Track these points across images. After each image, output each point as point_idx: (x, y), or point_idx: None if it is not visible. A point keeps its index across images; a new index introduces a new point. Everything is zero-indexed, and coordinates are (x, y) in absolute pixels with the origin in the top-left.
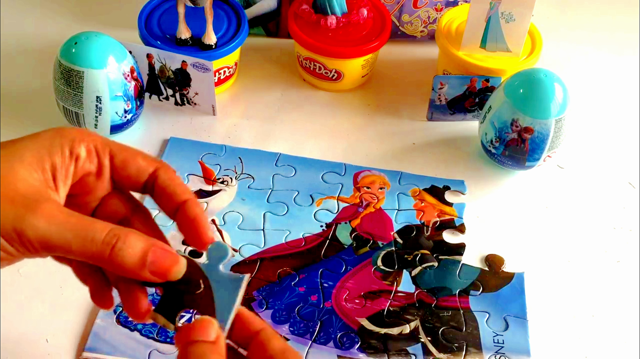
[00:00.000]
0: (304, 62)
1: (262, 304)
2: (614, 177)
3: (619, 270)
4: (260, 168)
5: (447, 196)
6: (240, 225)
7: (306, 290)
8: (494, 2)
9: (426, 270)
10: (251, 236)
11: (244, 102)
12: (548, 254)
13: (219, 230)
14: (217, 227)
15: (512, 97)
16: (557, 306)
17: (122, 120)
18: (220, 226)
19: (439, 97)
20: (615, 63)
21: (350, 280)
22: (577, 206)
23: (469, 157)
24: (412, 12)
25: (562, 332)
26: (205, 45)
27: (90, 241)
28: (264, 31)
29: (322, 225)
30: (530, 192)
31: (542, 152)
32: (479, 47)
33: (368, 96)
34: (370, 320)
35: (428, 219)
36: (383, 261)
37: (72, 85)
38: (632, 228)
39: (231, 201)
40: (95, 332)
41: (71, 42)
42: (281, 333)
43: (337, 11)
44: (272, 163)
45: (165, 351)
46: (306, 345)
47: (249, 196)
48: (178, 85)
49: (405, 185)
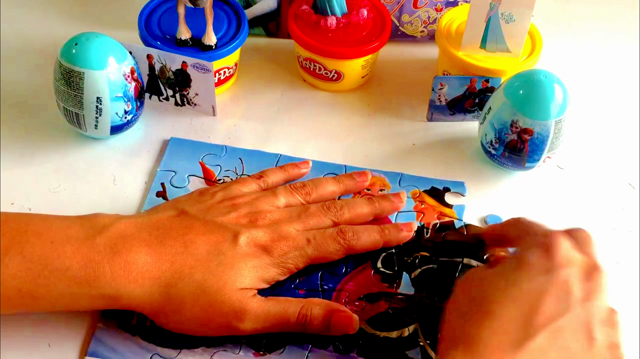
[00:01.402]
0: (304, 62)
1: None
2: (614, 177)
3: (618, 271)
4: (261, 169)
5: (447, 198)
6: None
7: (306, 292)
8: (494, 3)
9: (426, 272)
10: None
11: (244, 103)
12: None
13: None
14: None
15: (511, 98)
16: None
17: (122, 121)
18: None
19: (439, 98)
20: (615, 64)
21: (350, 282)
22: (577, 207)
23: (468, 157)
24: (412, 12)
25: None
26: (205, 46)
27: (287, 324)
28: (264, 31)
29: None
30: (530, 193)
31: (541, 153)
32: (479, 48)
33: (368, 96)
34: (369, 323)
35: (428, 221)
36: (383, 263)
37: (72, 86)
38: (632, 229)
39: None
40: (97, 337)
41: (71, 42)
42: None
43: (337, 12)
44: (272, 165)
45: (167, 355)
46: (306, 349)
47: None
48: (178, 85)
49: (405, 187)
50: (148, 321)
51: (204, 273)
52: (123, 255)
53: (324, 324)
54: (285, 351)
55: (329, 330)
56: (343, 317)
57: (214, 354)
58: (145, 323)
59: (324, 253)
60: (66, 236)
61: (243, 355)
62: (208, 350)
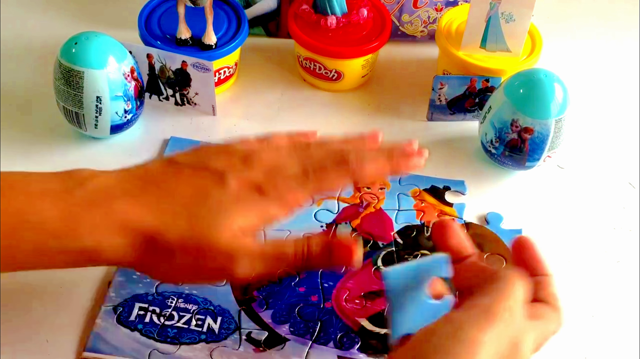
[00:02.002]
0: (304, 62)
1: (263, 305)
2: (614, 177)
3: (618, 271)
4: None
5: (447, 196)
6: None
7: (306, 290)
8: (494, 2)
9: None
10: None
11: (244, 102)
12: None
13: None
14: None
15: (512, 97)
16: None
17: (122, 120)
18: None
19: (439, 97)
20: (615, 63)
21: (350, 280)
22: (577, 206)
23: (469, 157)
24: (412, 12)
25: (561, 332)
26: (205, 46)
27: (286, 261)
28: (264, 31)
29: (322, 225)
30: (530, 192)
31: (542, 152)
32: (479, 47)
33: (368, 96)
34: (370, 320)
35: (428, 219)
36: (383, 261)
37: (72, 85)
38: (632, 229)
39: None
40: (96, 332)
41: (71, 42)
42: (281, 333)
43: (337, 11)
44: None
45: (166, 351)
46: (306, 345)
47: None
48: (178, 85)
49: (405, 186)
50: (147, 316)
51: (190, 218)
52: (103, 206)
53: (323, 256)
54: (286, 347)
55: (330, 261)
56: (343, 246)
57: (214, 350)
58: (144, 318)
59: (325, 182)
60: (44, 189)
61: (243, 351)
62: (207, 346)
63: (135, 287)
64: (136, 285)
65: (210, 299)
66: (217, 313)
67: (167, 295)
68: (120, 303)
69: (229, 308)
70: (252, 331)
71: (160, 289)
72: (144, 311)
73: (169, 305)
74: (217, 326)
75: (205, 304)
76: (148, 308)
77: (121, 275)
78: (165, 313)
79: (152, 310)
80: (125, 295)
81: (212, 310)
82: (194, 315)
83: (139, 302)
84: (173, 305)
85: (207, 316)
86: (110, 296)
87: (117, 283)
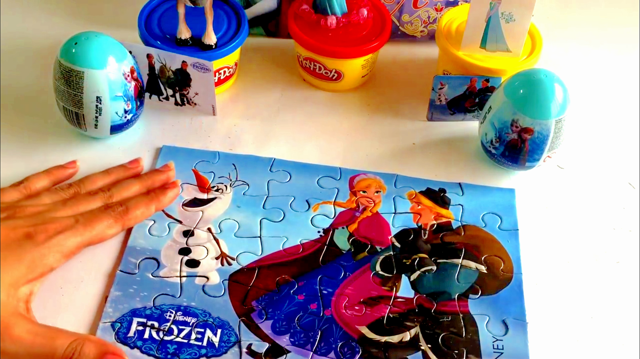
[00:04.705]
0: (304, 62)
1: (262, 315)
2: (614, 177)
3: (618, 271)
4: (254, 174)
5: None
6: (237, 233)
7: (305, 298)
8: (494, 2)
9: (425, 274)
10: (248, 244)
11: (244, 102)
12: (547, 255)
13: (215, 239)
14: (213, 236)
15: (512, 97)
16: (556, 307)
17: (122, 120)
18: (217, 234)
19: (439, 97)
20: (615, 63)
21: (349, 286)
22: (577, 206)
23: (469, 157)
24: (412, 12)
25: (561, 333)
26: (205, 46)
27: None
28: (264, 31)
29: (319, 230)
30: (530, 193)
31: (542, 153)
32: (479, 47)
33: (368, 96)
34: (370, 328)
35: (425, 222)
36: (382, 266)
37: (72, 86)
38: (632, 229)
39: (227, 209)
40: None
41: (71, 42)
42: (282, 344)
43: (337, 11)
44: (266, 169)
45: None
46: (307, 356)
47: (244, 203)
48: (178, 85)
49: (401, 188)
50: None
51: None
52: None
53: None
54: (287, 358)
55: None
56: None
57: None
58: (143, 334)
59: (97, 230)
60: None
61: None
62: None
63: (133, 301)
64: (133, 299)
65: (209, 311)
66: (217, 325)
67: (166, 308)
68: (118, 319)
69: (229, 320)
70: (252, 343)
71: (157, 302)
72: (142, 326)
73: (167, 319)
74: (217, 339)
75: (205, 317)
76: (146, 322)
77: (118, 289)
78: (164, 326)
79: (150, 325)
80: (122, 310)
81: (212, 322)
82: (193, 328)
83: (137, 317)
84: (172, 318)
85: (206, 329)
86: (107, 311)
87: (114, 297)
